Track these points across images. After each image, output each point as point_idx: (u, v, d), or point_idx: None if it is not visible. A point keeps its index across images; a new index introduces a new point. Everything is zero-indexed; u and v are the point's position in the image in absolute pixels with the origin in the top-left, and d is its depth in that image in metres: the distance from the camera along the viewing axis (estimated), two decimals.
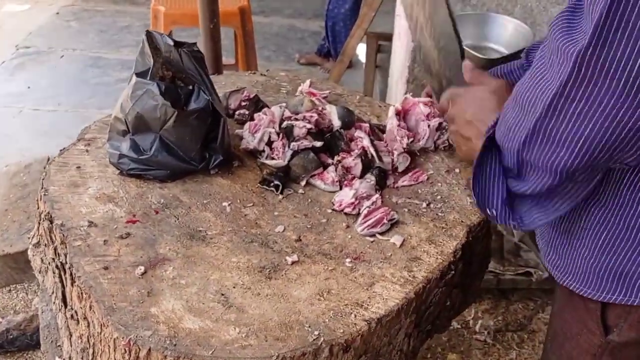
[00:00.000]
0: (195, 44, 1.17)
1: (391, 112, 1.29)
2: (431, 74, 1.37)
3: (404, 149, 1.23)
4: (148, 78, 1.08)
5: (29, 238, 1.18)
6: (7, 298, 2.31)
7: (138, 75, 1.09)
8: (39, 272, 1.13)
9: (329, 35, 4.21)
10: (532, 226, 0.89)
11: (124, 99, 1.10)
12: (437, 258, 1.02)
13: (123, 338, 0.81)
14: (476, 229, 1.10)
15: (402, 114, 1.29)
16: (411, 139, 1.24)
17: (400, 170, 1.22)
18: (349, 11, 4.02)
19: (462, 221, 1.10)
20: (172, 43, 1.12)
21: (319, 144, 1.20)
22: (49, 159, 2.56)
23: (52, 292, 1.05)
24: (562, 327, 1.00)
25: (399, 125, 1.26)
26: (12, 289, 2.35)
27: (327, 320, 0.88)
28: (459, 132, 1.04)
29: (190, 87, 1.13)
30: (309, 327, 0.86)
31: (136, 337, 0.81)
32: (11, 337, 2.07)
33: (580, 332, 0.94)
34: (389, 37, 3.05)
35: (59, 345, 1.15)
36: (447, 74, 1.22)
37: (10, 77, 4.04)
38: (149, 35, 1.12)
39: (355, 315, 0.89)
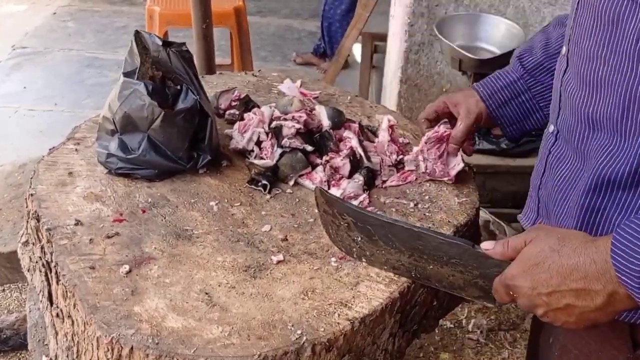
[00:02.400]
0: (184, 44, 1.17)
1: (385, 123, 1.28)
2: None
3: (392, 163, 1.23)
4: (135, 78, 1.08)
5: (19, 237, 1.18)
6: (1, 297, 2.31)
7: (125, 75, 1.09)
8: (27, 271, 1.13)
9: (324, 36, 4.22)
10: None
11: (112, 98, 1.11)
12: None
13: (106, 336, 0.82)
14: (463, 229, 1.11)
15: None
16: (400, 156, 1.24)
17: (386, 184, 1.21)
18: (344, 12, 4.03)
19: (449, 221, 1.11)
20: (160, 43, 1.12)
21: (309, 148, 1.20)
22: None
23: (40, 291, 1.06)
24: (576, 343, 0.92)
25: (390, 140, 1.25)
26: (5, 288, 2.35)
27: (310, 319, 0.88)
28: (549, 309, 0.77)
29: (179, 87, 1.13)
30: (292, 326, 0.86)
31: (119, 335, 0.82)
32: (4, 336, 2.07)
33: (602, 349, 0.88)
34: (384, 38, 3.06)
35: (46, 344, 1.15)
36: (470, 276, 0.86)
37: (7, 77, 4.05)
38: (138, 35, 1.13)
39: (339, 315, 0.89)
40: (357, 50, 3.56)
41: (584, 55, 0.84)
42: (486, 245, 0.81)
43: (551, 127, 0.95)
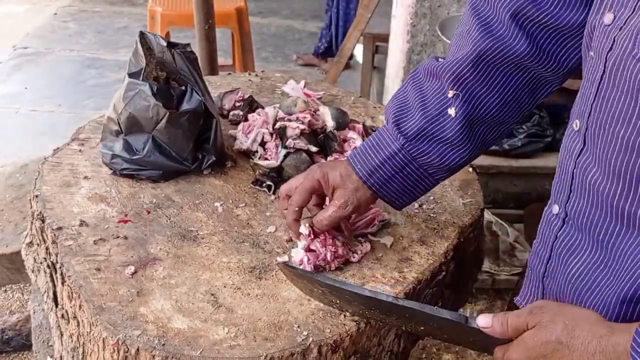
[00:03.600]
0: (189, 45, 1.17)
1: None
2: None
3: None
4: (140, 78, 1.08)
5: (22, 238, 1.18)
6: (3, 298, 2.31)
7: (130, 75, 1.09)
8: (32, 272, 1.13)
9: (334, 32, 4.20)
10: None
11: (117, 99, 1.11)
12: (427, 259, 1.02)
13: (112, 337, 0.82)
14: (468, 230, 1.11)
15: None
16: None
17: None
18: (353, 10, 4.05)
19: (453, 222, 1.11)
20: (165, 44, 1.12)
21: (314, 148, 1.20)
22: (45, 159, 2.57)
23: (44, 292, 1.05)
24: None
25: None
26: (7, 289, 2.34)
27: (316, 320, 0.88)
28: None
29: (183, 88, 1.13)
30: (298, 327, 0.86)
31: (125, 336, 0.81)
32: (6, 337, 2.07)
33: None
34: (386, 39, 3.06)
35: (51, 345, 1.15)
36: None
37: (7, 77, 4.04)
38: (142, 36, 1.13)
39: (345, 316, 0.89)
40: (358, 51, 3.56)
41: (617, 142, 0.70)
42: (482, 322, 0.74)
43: (555, 208, 0.82)
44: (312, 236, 0.95)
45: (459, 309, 1.18)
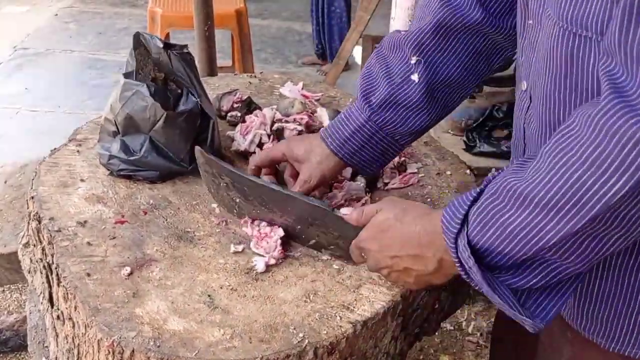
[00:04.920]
0: (186, 46, 1.17)
1: None
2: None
3: (394, 166, 1.22)
4: (134, 79, 1.08)
5: (19, 238, 1.18)
6: (1, 298, 2.31)
7: (126, 76, 1.09)
8: (28, 273, 1.13)
9: (323, 35, 4.21)
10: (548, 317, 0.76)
11: (114, 100, 1.11)
12: None
13: (107, 339, 0.81)
14: None
15: None
16: (403, 159, 1.24)
17: (388, 186, 1.20)
18: (344, 9, 4.07)
19: None
20: (161, 45, 1.12)
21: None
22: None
23: (40, 293, 1.05)
24: None
25: None
26: (5, 289, 2.35)
27: (312, 322, 0.88)
28: (391, 270, 0.87)
29: (180, 90, 1.13)
30: (294, 329, 0.86)
31: (120, 338, 0.81)
32: (4, 337, 2.07)
33: None
34: None
35: (46, 346, 1.15)
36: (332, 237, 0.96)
37: (8, 78, 4.05)
38: (139, 36, 1.13)
39: (341, 318, 0.89)
40: (357, 53, 3.56)
41: (542, 95, 0.80)
42: (345, 211, 0.91)
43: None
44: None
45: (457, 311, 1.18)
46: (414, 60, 0.99)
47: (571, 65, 0.73)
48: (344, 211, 0.91)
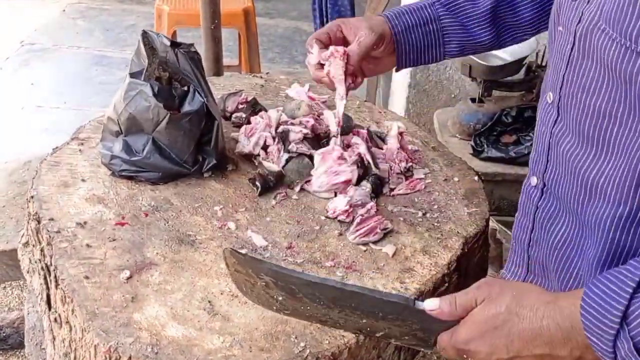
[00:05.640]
0: (192, 44, 1.15)
1: (394, 130, 1.26)
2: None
3: (401, 171, 1.20)
4: (142, 78, 1.06)
5: (19, 238, 1.16)
6: (2, 295, 2.30)
7: (132, 75, 1.07)
8: (27, 272, 1.11)
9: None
10: None
11: (117, 99, 1.09)
12: (430, 270, 0.99)
13: (104, 344, 0.80)
14: (472, 240, 1.08)
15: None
16: (409, 164, 1.22)
17: (394, 192, 1.18)
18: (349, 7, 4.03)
19: (458, 232, 1.08)
20: (168, 43, 1.10)
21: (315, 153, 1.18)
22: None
23: (38, 294, 1.04)
24: None
25: (400, 147, 1.23)
26: (6, 285, 2.33)
27: (314, 331, 0.85)
28: None
29: (186, 89, 1.11)
30: (295, 338, 0.84)
31: (117, 343, 0.79)
32: (4, 334, 2.06)
33: None
34: None
35: (44, 348, 1.13)
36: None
37: (14, 73, 4.04)
38: (145, 35, 1.11)
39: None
40: None
41: (589, 110, 0.74)
42: (430, 305, 0.73)
43: (534, 180, 0.86)
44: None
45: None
46: None
47: (633, 84, 0.67)
48: (429, 303, 0.74)
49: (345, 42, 1.04)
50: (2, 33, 4.61)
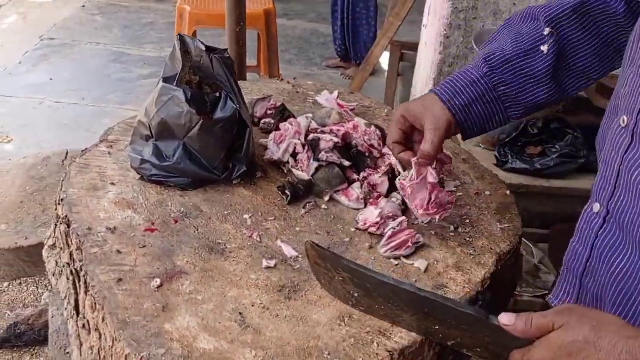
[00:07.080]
0: (226, 50, 1.14)
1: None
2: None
3: None
4: (175, 84, 1.05)
5: (45, 239, 1.15)
6: (17, 291, 2.30)
7: (165, 80, 1.06)
8: (53, 275, 1.10)
9: (348, 37, 4.17)
10: None
11: (149, 103, 1.08)
12: (464, 287, 0.97)
13: (135, 355, 0.78)
14: (506, 257, 1.06)
15: None
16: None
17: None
18: (373, 11, 4.02)
19: (491, 248, 1.06)
20: (204, 48, 1.09)
21: (347, 163, 1.16)
22: (67, 153, 2.56)
23: (65, 298, 1.03)
24: None
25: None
26: (22, 282, 2.33)
27: (347, 348, 0.84)
28: None
29: (218, 94, 1.10)
30: (329, 354, 0.82)
31: (149, 355, 0.78)
32: (19, 331, 2.05)
33: None
34: (412, 47, 3.01)
35: (68, 353, 1.12)
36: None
37: (33, 67, 4.06)
38: (182, 39, 1.09)
39: (378, 345, 0.85)
40: (383, 58, 3.52)
41: None
42: (505, 320, 0.73)
43: (596, 206, 0.83)
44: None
45: None
46: (547, 31, 0.97)
47: None
48: (504, 318, 0.73)
49: (413, 129, 1.04)
50: (22, 28, 4.64)
